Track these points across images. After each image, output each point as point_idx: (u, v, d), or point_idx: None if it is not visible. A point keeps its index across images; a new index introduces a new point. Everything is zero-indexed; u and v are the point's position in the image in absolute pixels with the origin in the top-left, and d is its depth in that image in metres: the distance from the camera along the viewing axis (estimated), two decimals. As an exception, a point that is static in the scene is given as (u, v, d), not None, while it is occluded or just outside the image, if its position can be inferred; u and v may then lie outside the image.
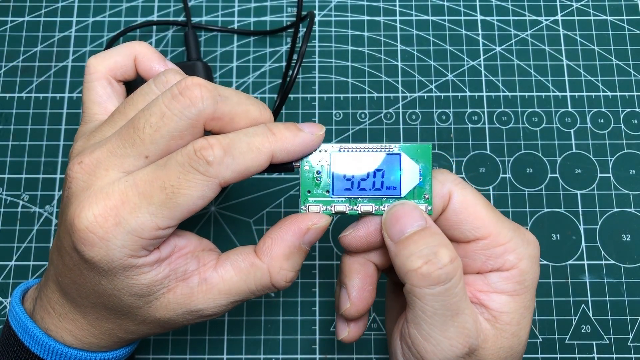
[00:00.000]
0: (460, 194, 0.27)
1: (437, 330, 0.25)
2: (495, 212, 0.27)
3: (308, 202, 0.26)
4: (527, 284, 0.26)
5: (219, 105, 0.24)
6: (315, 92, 0.44)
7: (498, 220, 0.27)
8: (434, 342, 0.25)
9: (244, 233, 0.41)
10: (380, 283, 0.29)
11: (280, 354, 0.39)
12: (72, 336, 0.27)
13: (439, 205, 0.27)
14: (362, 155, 0.26)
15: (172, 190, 0.23)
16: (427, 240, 0.25)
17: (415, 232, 0.25)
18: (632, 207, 0.41)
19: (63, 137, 0.43)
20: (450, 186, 0.27)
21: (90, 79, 0.30)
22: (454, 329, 0.25)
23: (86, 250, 0.23)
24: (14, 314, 0.28)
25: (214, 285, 0.26)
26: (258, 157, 0.24)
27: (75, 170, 0.24)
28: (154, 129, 0.23)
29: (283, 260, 0.26)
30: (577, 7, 0.46)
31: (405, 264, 0.25)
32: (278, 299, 0.40)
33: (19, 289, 0.29)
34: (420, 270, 0.24)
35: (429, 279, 0.24)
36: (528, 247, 0.27)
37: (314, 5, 0.46)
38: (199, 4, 0.46)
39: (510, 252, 0.26)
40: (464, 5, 0.46)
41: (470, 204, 0.26)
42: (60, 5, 0.46)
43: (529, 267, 0.26)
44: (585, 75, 0.44)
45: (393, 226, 0.26)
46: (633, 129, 0.43)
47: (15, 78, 0.44)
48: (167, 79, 0.26)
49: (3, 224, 0.41)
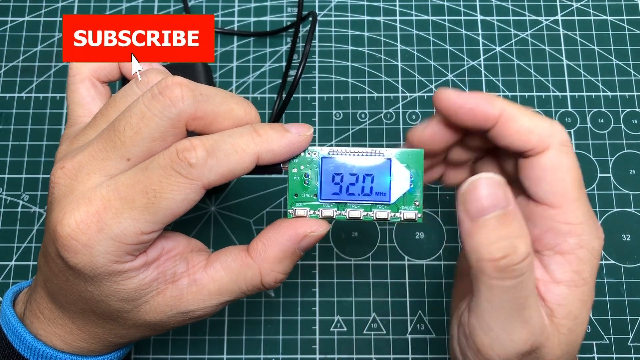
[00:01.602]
0: (557, 155, 0.25)
1: (499, 324, 0.23)
2: (581, 190, 0.25)
3: (295, 205, 0.26)
4: (585, 276, 0.25)
5: (201, 104, 0.23)
6: (315, 92, 0.44)
7: (578, 199, 0.25)
8: (494, 336, 0.23)
9: (244, 233, 0.41)
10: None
11: (280, 354, 0.38)
12: (62, 341, 0.26)
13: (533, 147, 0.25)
14: (351, 159, 0.26)
15: (154, 195, 0.22)
16: (509, 229, 0.23)
17: (497, 216, 0.23)
18: (632, 207, 0.41)
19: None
20: (553, 143, 0.25)
21: (73, 81, 0.29)
22: (519, 324, 0.23)
23: (70, 257, 0.23)
24: (4, 317, 0.27)
25: (204, 286, 0.25)
26: (243, 158, 0.23)
27: (57, 175, 0.24)
28: (134, 131, 0.23)
29: (275, 262, 0.25)
30: (577, 7, 0.46)
31: (481, 251, 0.23)
32: (278, 299, 0.40)
33: (11, 291, 0.29)
34: (498, 264, 0.22)
35: (504, 273, 0.22)
36: (594, 240, 0.25)
37: (314, 5, 0.46)
38: (198, 4, 0.46)
39: (574, 236, 0.25)
40: (464, 5, 0.46)
41: (562, 168, 0.25)
42: (60, 5, 0.46)
43: (587, 259, 0.25)
44: (585, 75, 0.44)
45: (473, 202, 0.23)
46: (633, 129, 0.43)
47: (15, 78, 0.44)
48: (149, 79, 0.25)
49: (3, 224, 0.41)
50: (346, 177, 0.26)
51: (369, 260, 0.40)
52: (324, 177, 0.26)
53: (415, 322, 0.39)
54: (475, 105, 0.25)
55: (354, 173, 0.26)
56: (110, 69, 0.30)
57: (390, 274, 0.40)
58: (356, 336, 0.39)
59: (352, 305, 0.39)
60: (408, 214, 0.26)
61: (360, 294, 0.40)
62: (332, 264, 0.40)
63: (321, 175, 0.26)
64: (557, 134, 0.25)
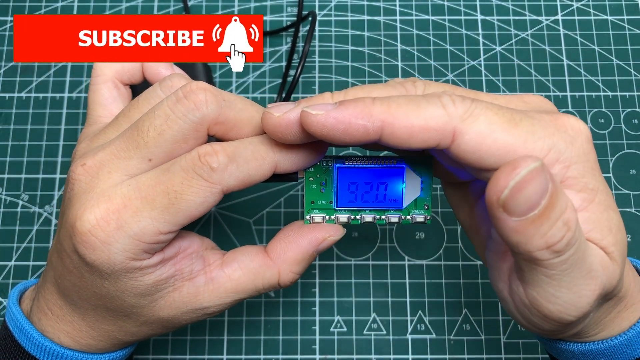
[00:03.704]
0: (471, 132, 0.21)
1: (564, 290, 0.21)
2: (517, 125, 0.21)
3: (312, 212, 0.27)
4: (591, 185, 0.22)
5: (223, 110, 0.24)
6: (316, 92, 0.44)
7: (526, 135, 0.21)
8: (562, 302, 0.22)
9: (244, 233, 0.41)
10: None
11: (280, 354, 0.38)
12: (70, 338, 0.27)
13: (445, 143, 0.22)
14: (366, 169, 0.26)
15: (174, 196, 0.23)
16: (558, 208, 0.20)
17: (547, 205, 0.19)
18: (632, 207, 0.41)
19: (63, 137, 0.42)
20: (457, 125, 0.21)
21: (96, 82, 0.30)
22: (582, 279, 0.21)
23: (87, 253, 0.23)
24: (10, 315, 0.28)
25: (221, 285, 0.26)
26: (262, 165, 0.24)
27: (78, 172, 0.24)
28: (157, 132, 0.23)
29: (294, 264, 0.26)
30: (577, 6, 0.46)
31: (535, 244, 0.20)
32: (278, 299, 0.40)
33: (16, 289, 0.29)
34: (555, 247, 0.20)
35: (564, 250, 0.20)
36: (573, 146, 0.22)
37: (314, 5, 0.46)
38: (198, 4, 0.46)
39: (554, 164, 0.22)
40: (464, 5, 0.46)
41: (485, 135, 0.21)
42: (60, 5, 0.46)
43: (582, 169, 0.22)
44: (585, 75, 0.44)
45: (521, 205, 0.19)
46: (633, 129, 0.43)
47: (15, 78, 0.44)
48: (173, 83, 0.26)
49: (3, 224, 0.41)
50: (361, 186, 0.27)
51: (369, 260, 0.40)
52: (340, 185, 0.27)
53: (415, 322, 0.39)
54: (348, 124, 0.22)
55: (369, 182, 0.26)
56: (134, 72, 0.30)
57: (390, 274, 0.40)
58: (356, 336, 0.39)
59: (352, 305, 0.39)
60: (418, 217, 0.27)
61: (360, 294, 0.40)
62: (332, 264, 0.40)
63: (337, 184, 0.26)
64: (453, 113, 0.21)
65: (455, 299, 0.39)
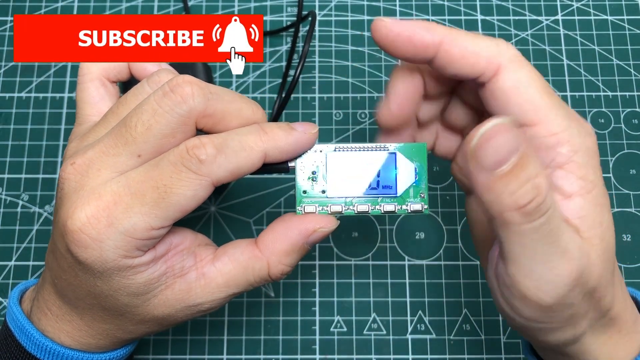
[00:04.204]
0: (512, 72, 0.24)
1: (539, 263, 0.22)
2: (551, 96, 0.24)
3: (304, 202, 0.26)
4: (592, 178, 0.23)
5: (211, 103, 0.24)
6: (315, 92, 0.44)
7: (553, 106, 0.24)
8: (537, 277, 0.22)
9: (244, 233, 0.41)
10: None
11: (280, 354, 0.38)
12: (70, 337, 0.27)
13: (488, 73, 0.24)
14: (357, 155, 0.26)
15: (164, 190, 0.23)
16: (529, 170, 0.21)
17: (515, 163, 0.21)
18: (632, 207, 0.41)
19: (63, 137, 0.42)
20: (503, 62, 0.24)
21: (83, 80, 0.29)
22: (557, 256, 0.22)
23: (79, 251, 0.23)
24: (11, 315, 0.28)
25: (213, 279, 0.26)
26: (251, 155, 0.24)
27: (67, 171, 0.24)
28: (145, 127, 0.23)
29: (283, 255, 0.26)
30: (577, 6, 0.46)
31: (504, 203, 0.21)
32: (278, 299, 0.40)
33: (17, 289, 0.29)
34: (525, 209, 0.21)
35: (533, 215, 0.21)
36: (586, 139, 0.24)
37: (314, 5, 0.46)
38: (198, 4, 0.46)
39: (564, 144, 0.23)
40: (464, 5, 0.46)
41: (523, 83, 0.24)
42: (60, 5, 0.46)
43: (586, 161, 0.23)
44: (585, 75, 0.44)
45: (488, 156, 0.21)
46: (633, 129, 0.43)
47: (15, 78, 0.44)
48: (160, 78, 0.26)
49: (3, 224, 0.41)
50: (353, 172, 0.26)
51: (369, 260, 0.40)
52: (331, 172, 0.26)
53: (415, 322, 0.39)
54: (413, 33, 0.24)
55: (361, 168, 0.26)
56: (120, 69, 0.30)
57: (390, 274, 0.40)
58: (356, 336, 0.39)
59: (352, 305, 0.39)
60: (415, 205, 0.26)
61: (360, 294, 0.40)
62: (332, 264, 0.40)
63: (328, 171, 0.26)
64: (504, 51, 0.24)
65: (455, 299, 0.39)
